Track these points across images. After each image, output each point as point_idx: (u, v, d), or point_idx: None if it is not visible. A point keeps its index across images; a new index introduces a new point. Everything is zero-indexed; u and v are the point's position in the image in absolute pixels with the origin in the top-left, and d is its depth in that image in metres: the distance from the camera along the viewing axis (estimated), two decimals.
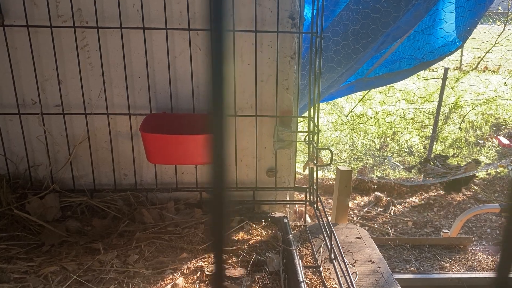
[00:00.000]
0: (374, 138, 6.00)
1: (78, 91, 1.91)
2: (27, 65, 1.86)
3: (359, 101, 6.75)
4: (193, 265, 1.63)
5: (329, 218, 2.09)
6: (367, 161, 5.30)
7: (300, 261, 1.65)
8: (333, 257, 1.70)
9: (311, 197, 2.06)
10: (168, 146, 1.70)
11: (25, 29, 1.81)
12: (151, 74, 1.91)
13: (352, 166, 4.94)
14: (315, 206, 2.02)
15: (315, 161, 1.85)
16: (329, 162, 1.78)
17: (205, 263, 1.66)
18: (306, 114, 1.98)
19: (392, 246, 2.98)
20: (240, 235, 1.86)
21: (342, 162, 5.05)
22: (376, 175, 4.80)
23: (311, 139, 1.92)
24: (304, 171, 2.06)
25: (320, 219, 1.90)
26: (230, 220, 1.94)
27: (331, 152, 1.78)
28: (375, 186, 4.45)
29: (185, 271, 1.59)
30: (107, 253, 1.66)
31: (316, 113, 1.89)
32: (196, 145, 1.72)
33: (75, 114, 1.93)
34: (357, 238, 1.98)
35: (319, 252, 1.86)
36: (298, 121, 2.05)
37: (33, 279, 1.50)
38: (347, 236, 1.99)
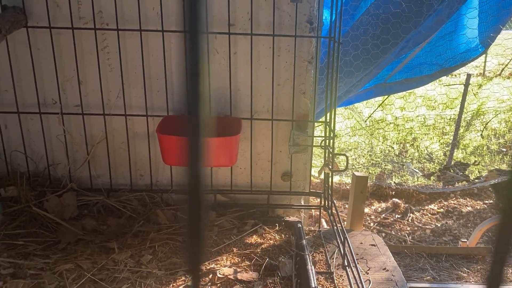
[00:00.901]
0: (393, 143, 5.93)
1: (97, 92, 1.94)
2: (48, 65, 1.90)
3: (379, 106, 6.68)
4: (205, 267, 1.64)
5: (344, 223, 2.08)
6: (386, 167, 5.23)
7: (313, 266, 1.64)
8: (346, 264, 1.69)
9: (326, 202, 2.05)
10: (183, 148, 1.71)
11: (48, 30, 1.85)
12: (168, 76, 1.93)
13: (370, 171, 4.88)
14: (329, 211, 2.01)
15: (330, 166, 1.84)
16: (344, 167, 1.76)
17: (218, 265, 1.66)
18: (323, 119, 1.97)
19: (408, 254, 2.94)
20: (254, 239, 1.86)
21: (360, 167, 5.00)
22: (394, 181, 4.74)
23: (327, 144, 1.90)
24: (319, 176, 2.05)
25: (334, 225, 1.89)
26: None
27: (347, 157, 1.77)
28: (393, 192, 4.39)
29: None
30: (121, 253, 1.67)
31: (333, 118, 1.88)
32: (213, 148, 1.72)
33: (94, 114, 1.96)
34: (372, 245, 1.95)
35: (333, 258, 1.84)
36: (315, 126, 2.04)
37: (48, 276, 1.52)
38: (361, 243, 1.97)
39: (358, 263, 1.67)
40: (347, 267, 1.67)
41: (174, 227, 1.91)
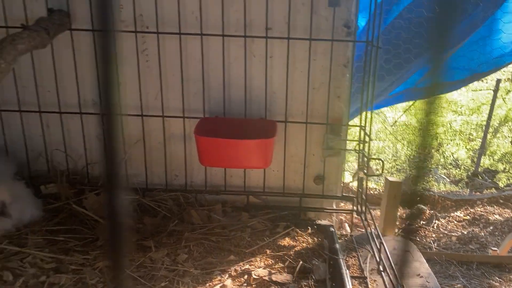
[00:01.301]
0: (419, 149, 5.85)
1: (136, 93, 1.99)
2: (89, 67, 1.96)
3: (405, 111, 6.60)
4: (240, 267, 1.66)
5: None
6: (410, 172, 5.18)
7: (347, 271, 1.64)
8: (381, 269, 1.68)
9: (359, 207, 2.04)
10: (221, 149, 1.74)
11: (89, 33, 1.90)
12: (206, 79, 1.96)
13: (395, 177, 4.84)
14: (363, 216, 2.01)
15: (365, 171, 1.84)
16: (380, 172, 1.76)
17: (252, 266, 1.68)
18: (353, 122, 1.97)
19: (438, 261, 2.90)
20: (286, 241, 1.88)
21: (385, 172, 4.96)
22: (420, 187, 4.68)
23: (361, 148, 1.90)
24: (353, 180, 2.05)
25: (368, 230, 1.89)
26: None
27: (383, 162, 1.77)
28: (418, 198, 4.34)
29: (232, 273, 1.62)
30: (158, 251, 1.71)
31: (368, 122, 1.88)
32: (248, 150, 1.75)
33: (131, 115, 2.01)
34: (405, 250, 1.94)
35: (366, 263, 1.84)
36: (349, 129, 2.04)
37: (89, 271, 1.57)
38: (394, 248, 1.96)
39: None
40: (382, 272, 1.66)
41: (208, 227, 1.93)
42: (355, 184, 2.43)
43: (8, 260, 1.57)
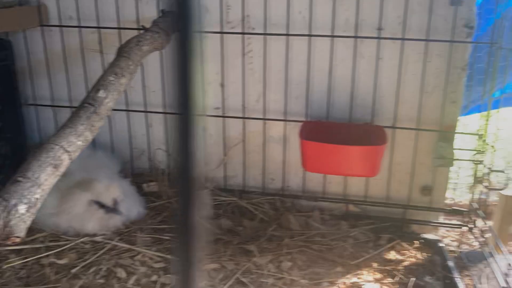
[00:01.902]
0: None
1: (237, 95, 1.98)
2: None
3: None
4: (349, 280, 1.58)
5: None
6: None
7: None
8: None
9: (472, 222, 1.89)
10: (328, 155, 1.67)
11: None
12: (309, 82, 1.90)
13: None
14: (475, 232, 1.85)
15: (485, 184, 1.68)
16: (503, 186, 1.60)
17: (360, 280, 1.59)
18: (475, 130, 1.82)
19: None
20: (392, 255, 1.77)
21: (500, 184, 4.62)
22: None
23: (479, 158, 1.75)
24: (470, 193, 1.89)
25: (485, 246, 1.73)
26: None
27: (507, 174, 1.61)
28: None
29: (341, 286, 1.54)
30: (261, 256, 1.67)
31: (487, 128, 1.72)
32: (358, 157, 1.66)
33: (233, 117, 2.00)
34: None
35: (480, 283, 1.69)
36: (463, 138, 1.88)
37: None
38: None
39: None
40: None
41: (307, 234, 1.87)
42: (463, 196, 2.26)
43: (120, 257, 1.61)
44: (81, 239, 1.67)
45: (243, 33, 1.86)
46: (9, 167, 1.98)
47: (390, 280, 1.60)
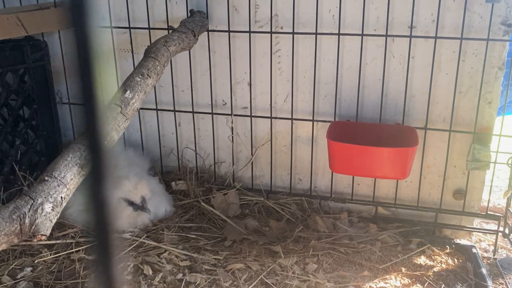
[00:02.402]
0: None
1: (265, 95, 1.97)
2: (222, 68, 1.98)
3: None
4: (376, 285, 1.55)
5: None
6: None
7: None
8: None
9: (506, 228, 1.81)
10: (357, 156, 1.64)
11: (224, 34, 1.92)
12: (338, 81, 1.87)
13: None
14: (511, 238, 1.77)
15: None
16: None
17: (387, 284, 1.56)
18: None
19: None
20: (422, 260, 1.72)
21: None
22: None
23: None
24: (504, 198, 1.81)
25: None
26: None
27: None
28: None
29: None
30: (287, 258, 1.66)
31: None
32: (389, 158, 1.62)
33: (261, 117, 1.99)
34: None
35: None
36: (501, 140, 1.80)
37: (222, 273, 1.57)
38: None
39: None
40: None
41: (334, 236, 1.85)
42: (499, 201, 2.17)
43: (147, 255, 1.63)
44: None
45: (271, 32, 1.85)
46: (44, 164, 2.05)
47: (419, 286, 1.56)
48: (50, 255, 1.60)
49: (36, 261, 1.57)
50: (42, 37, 2.09)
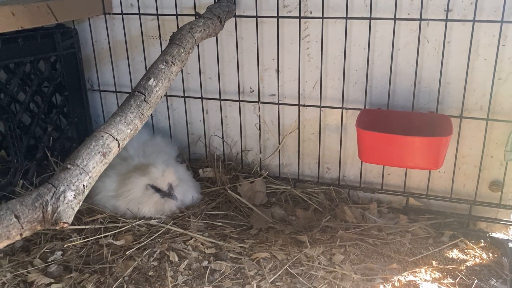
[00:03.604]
0: None
1: (293, 82, 1.93)
2: (249, 54, 1.95)
3: None
4: (404, 278, 1.50)
5: None
6: None
7: None
8: None
9: None
10: (388, 146, 1.58)
11: (251, 19, 1.88)
12: (369, 67, 1.80)
13: None
14: None
15: None
16: None
17: (417, 278, 1.51)
18: None
19: None
20: (454, 253, 1.65)
21: None
22: None
23: None
24: None
25: None
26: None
27: None
28: None
29: (396, 284, 1.47)
30: (313, 248, 1.64)
31: None
32: (421, 148, 1.56)
33: (289, 104, 1.95)
34: None
35: None
36: None
37: (247, 261, 1.56)
38: None
39: None
40: None
41: (363, 227, 1.80)
42: None
43: (173, 241, 1.65)
44: (138, 222, 1.73)
45: (300, 17, 1.80)
46: (75, 149, 2.09)
47: (450, 280, 1.50)
48: (80, 240, 1.63)
49: (66, 245, 1.60)
50: (73, 24, 2.12)
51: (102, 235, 1.65)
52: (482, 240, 1.71)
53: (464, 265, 1.59)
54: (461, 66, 1.70)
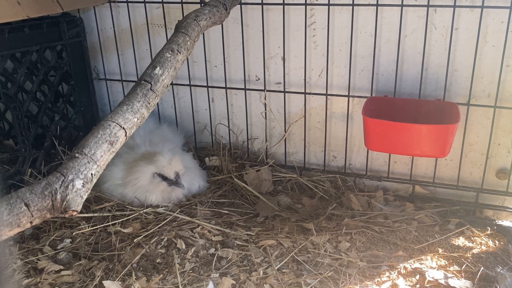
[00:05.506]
0: None
1: (299, 70, 1.92)
2: (255, 42, 1.94)
3: None
4: (410, 265, 1.51)
5: None
6: None
7: None
8: None
9: None
10: (394, 134, 1.58)
11: (257, 6, 1.87)
12: (376, 55, 1.79)
13: None
14: None
15: None
16: None
17: (423, 265, 1.51)
18: None
19: None
20: (461, 241, 1.66)
21: None
22: None
23: None
24: None
25: None
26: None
27: None
28: None
29: (402, 271, 1.48)
30: (319, 235, 1.65)
31: None
32: (428, 136, 1.55)
33: (295, 92, 1.95)
34: None
35: None
36: None
37: (253, 249, 1.57)
38: None
39: None
40: None
41: (369, 215, 1.81)
42: None
43: (181, 229, 1.66)
44: (145, 210, 1.75)
45: (306, 4, 1.79)
46: (82, 138, 2.10)
47: (456, 268, 1.51)
48: (88, 228, 1.65)
49: (75, 233, 1.63)
50: (78, 13, 2.11)
51: (110, 223, 1.67)
52: (489, 228, 1.71)
53: (470, 253, 1.59)
54: (469, 53, 1.68)
